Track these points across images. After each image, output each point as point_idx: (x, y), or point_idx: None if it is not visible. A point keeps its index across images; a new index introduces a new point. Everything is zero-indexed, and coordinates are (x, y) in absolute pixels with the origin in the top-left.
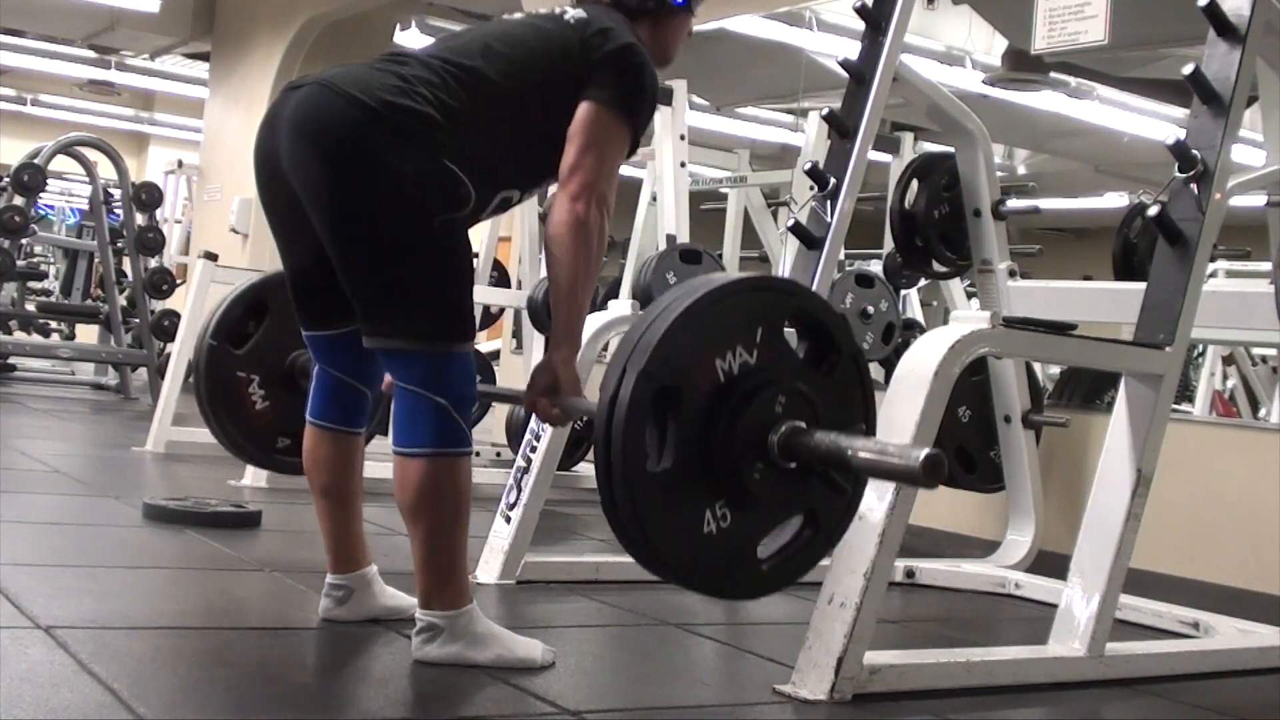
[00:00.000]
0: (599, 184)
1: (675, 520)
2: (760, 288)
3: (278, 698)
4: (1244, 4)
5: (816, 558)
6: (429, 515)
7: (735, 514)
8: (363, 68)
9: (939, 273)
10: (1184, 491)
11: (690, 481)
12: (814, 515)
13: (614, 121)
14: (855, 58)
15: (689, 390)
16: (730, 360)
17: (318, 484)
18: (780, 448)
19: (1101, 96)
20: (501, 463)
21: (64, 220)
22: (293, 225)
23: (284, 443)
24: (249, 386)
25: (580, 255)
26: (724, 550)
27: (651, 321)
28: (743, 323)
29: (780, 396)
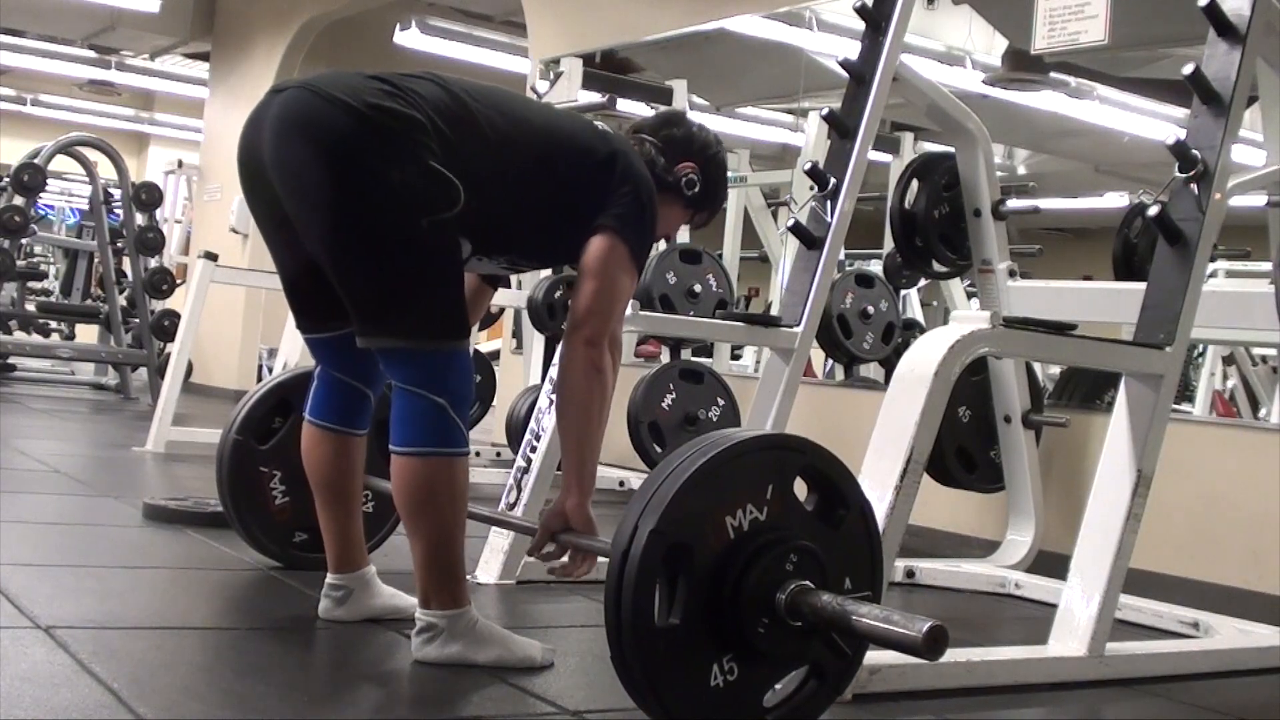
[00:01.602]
0: (612, 327)
1: (684, 675)
2: (773, 446)
3: (277, 698)
4: (1244, 4)
5: (821, 708)
6: (427, 515)
7: (742, 668)
8: (351, 74)
9: (939, 273)
10: (1184, 491)
11: (698, 637)
12: (819, 667)
13: (627, 258)
14: (855, 58)
15: (700, 547)
16: (741, 518)
17: (318, 484)
18: (787, 607)
19: (1101, 96)
20: (501, 463)
21: (64, 220)
22: (282, 227)
23: (301, 538)
24: (270, 482)
25: (595, 400)
26: (731, 702)
27: (664, 479)
28: (754, 481)
29: (790, 555)
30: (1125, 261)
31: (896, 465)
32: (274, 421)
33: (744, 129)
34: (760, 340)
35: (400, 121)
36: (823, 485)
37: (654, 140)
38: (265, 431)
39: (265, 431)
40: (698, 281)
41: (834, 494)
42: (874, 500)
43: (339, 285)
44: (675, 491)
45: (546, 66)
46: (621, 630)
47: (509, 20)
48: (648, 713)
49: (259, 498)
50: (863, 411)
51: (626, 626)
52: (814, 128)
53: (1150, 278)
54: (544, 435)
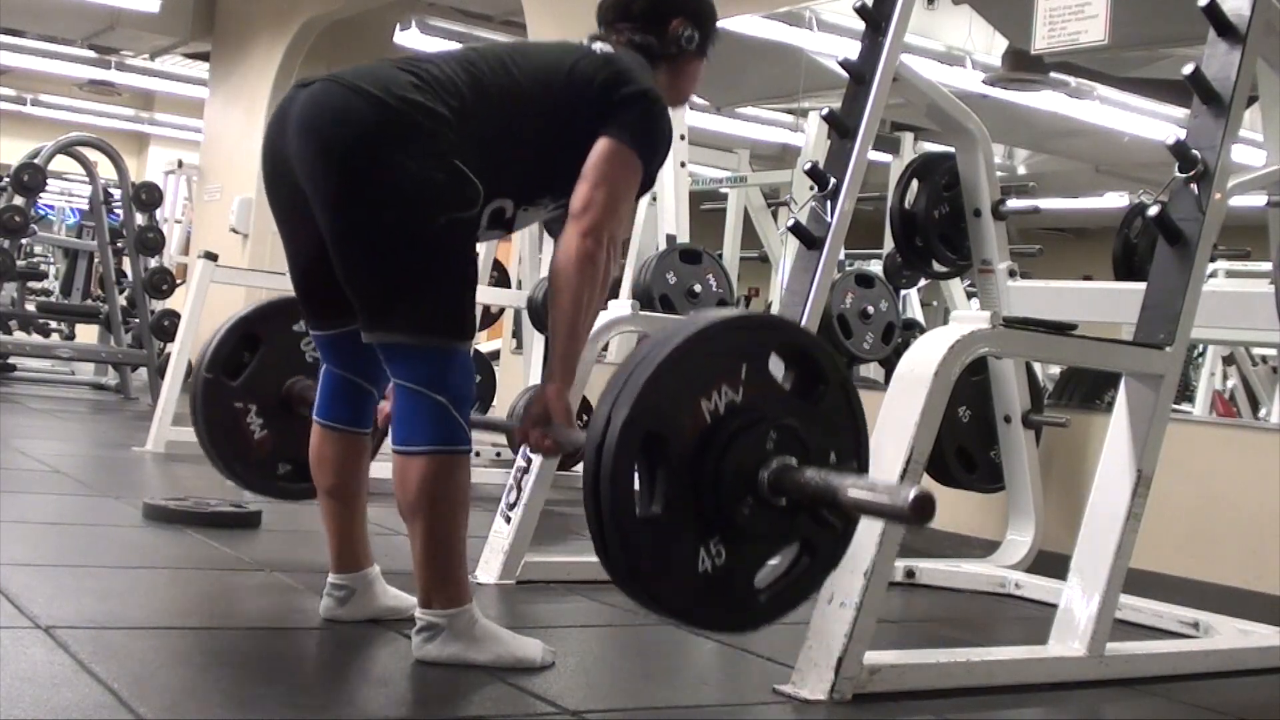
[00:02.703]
0: (609, 223)
1: (671, 563)
2: (742, 326)
3: (278, 698)
4: (1244, 4)
5: (815, 585)
6: (428, 513)
7: (730, 550)
8: (377, 64)
9: (939, 273)
10: (1184, 491)
11: (682, 524)
12: (810, 543)
13: (629, 161)
14: (855, 58)
15: (676, 433)
16: (716, 400)
17: (323, 483)
18: (770, 485)
19: (1101, 96)
20: (501, 463)
21: (64, 220)
22: (298, 222)
23: (285, 469)
24: (247, 416)
25: (585, 290)
26: (721, 587)
27: (634, 368)
28: (726, 362)
29: (770, 433)
30: (1125, 261)
31: (896, 465)
32: (243, 356)
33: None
34: None
35: (425, 115)
36: (800, 361)
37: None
38: (235, 366)
39: (235, 366)
40: (698, 281)
41: (812, 369)
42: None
43: (348, 279)
44: (646, 379)
45: None
46: (603, 524)
47: (509, 20)
48: (636, 601)
49: (237, 433)
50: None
51: (607, 519)
52: (814, 128)
53: (1150, 278)
54: None
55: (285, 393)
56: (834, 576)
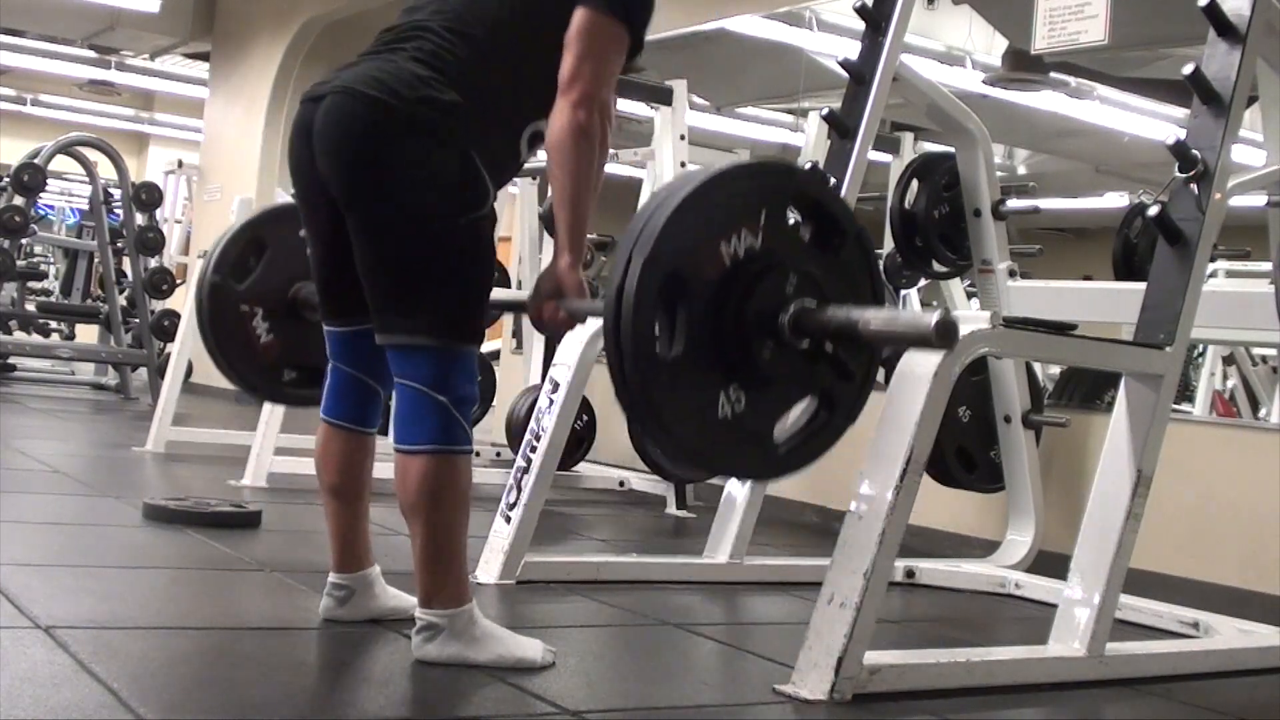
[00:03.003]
0: (599, 91)
1: (691, 406)
2: (760, 171)
3: (278, 698)
4: (1244, 4)
5: (833, 439)
6: (429, 513)
7: (749, 396)
8: (380, 61)
9: (939, 273)
10: (1184, 491)
11: (702, 366)
12: (828, 396)
13: (610, 26)
14: (855, 58)
15: (696, 275)
16: (736, 244)
17: (327, 481)
18: (791, 326)
19: (1101, 96)
20: (501, 463)
21: (64, 220)
22: (324, 224)
23: (291, 375)
24: (253, 320)
25: (583, 161)
26: (740, 433)
27: (654, 210)
28: (746, 206)
29: (790, 276)
30: (1125, 261)
31: (896, 465)
32: (249, 261)
33: (744, 129)
34: None
35: (437, 109)
36: (817, 212)
37: None
38: (242, 270)
39: (242, 270)
40: None
41: (829, 221)
42: (874, 500)
43: (370, 279)
44: (667, 219)
45: None
46: (624, 366)
47: None
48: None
49: (243, 337)
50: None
51: (629, 361)
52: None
53: (1150, 278)
54: (544, 435)
55: (292, 297)
56: (834, 577)
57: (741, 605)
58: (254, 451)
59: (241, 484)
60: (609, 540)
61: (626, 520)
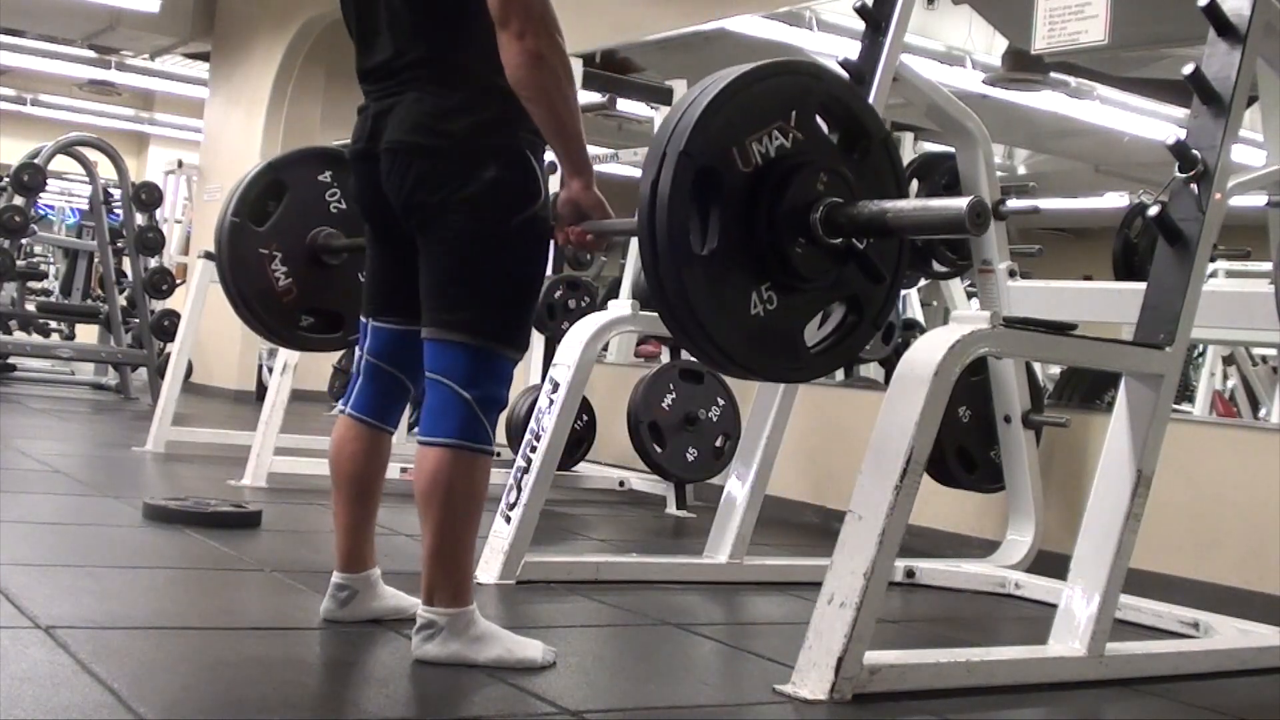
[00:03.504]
0: (534, 10)
1: (724, 302)
2: (789, 71)
3: (278, 698)
4: (1244, 4)
5: (863, 341)
6: (440, 506)
7: (781, 297)
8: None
9: (939, 273)
10: (1184, 491)
11: (736, 263)
12: (856, 301)
13: None
14: (855, 58)
15: (729, 171)
16: (767, 143)
17: (342, 477)
18: (823, 223)
19: (1101, 96)
20: (501, 463)
21: (64, 220)
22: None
23: (308, 320)
24: (271, 263)
25: (552, 85)
26: (772, 332)
27: (687, 107)
28: (776, 105)
29: (821, 174)
30: (1125, 261)
31: (896, 465)
32: (268, 205)
33: None
34: None
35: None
36: (845, 118)
37: None
38: (261, 213)
39: (261, 213)
40: None
41: (856, 126)
42: (874, 500)
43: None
44: (700, 113)
45: None
46: (659, 260)
47: None
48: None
49: (262, 280)
50: (863, 411)
51: (664, 255)
52: None
53: (1150, 278)
54: (544, 435)
55: (310, 241)
56: (834, 577)
57: (741, 605)
58: (254, 451)
59: (241, 484)
60: (609, 540)
61: (626, 520)
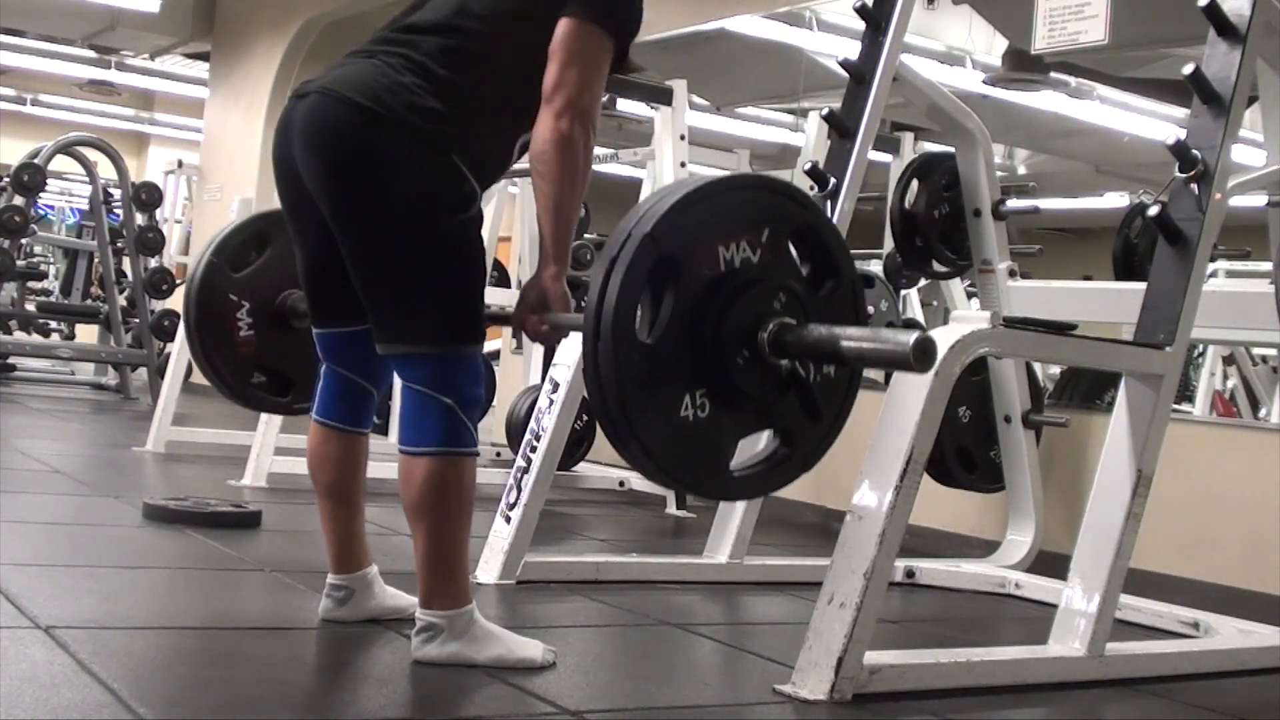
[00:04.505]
0: (582, 100)
1: (655, 397)
2: (775, 190)
3: (278, 698)
4: (1244, 4)
5: (788, 478)
6: (432, 514)
7: (713, 407)
8: (364, 65)
9: (939, 273)
10: (1184, 491)
11: (676, 360)
12: (790, 434)
13: (593, 35)
14: (855, 58)
15: (689, 267)
16: (734, 251)
17: (322, 483)
18: (770, 341)
19: (1101, 96)
20: (501, 463)
21: (64, 220)
22: (310, 227)
23: (259, 379)
24: (238, 312)
25: (566, 171)
26: (697, 441)
27: (662, 196)
28: (752, 219)
29: (780, 294)
30: (1125, 261)
31: (896, 465)
32: (250, 253)
33: (744, 129)
34: None
35: (421, 115)
36: (817, 251)
37: None
38: (241, 261)
39: (241, 261)
40: None
41: (828, 262)
42: (874, 500)
43: (361, 287)
44: (672, 204)
45: None
46: (600, 338)
47: None
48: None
49: (225, 326)
50: (863, 411)
51: (605, 333)
52: (814, 128)
53: (1150, 278)
54: (544, 435)
55: (281, 301)
56: (834, 577)
57: (741, 605)
58: (254, 451)
59: (241, 484)
60: (609, 540)
61: (626, 520)
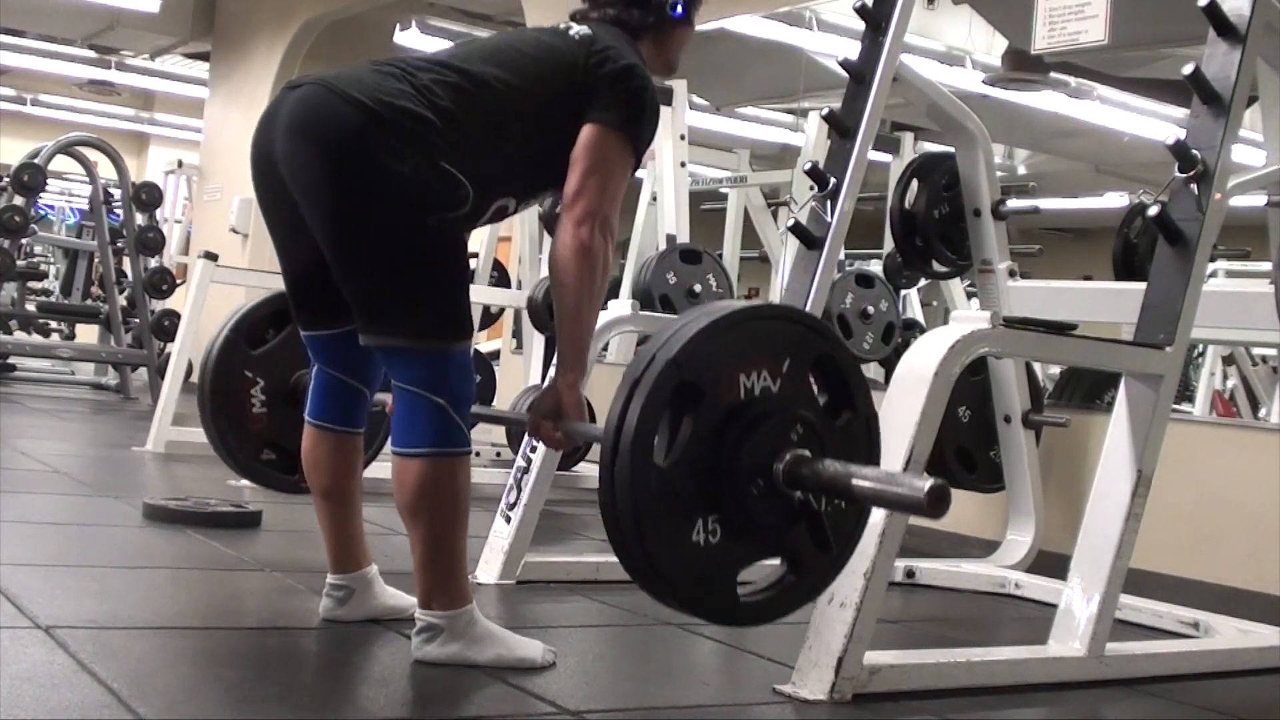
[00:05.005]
0: (603, 208)
1: (668, 519)
2: (797, 321)
3: (278, 698)
4: (1244, 4)
5: (795, 604)
6: (428, 515)
7: (724, 533)
8: (363, 69)
9: (939, 273)
10: (1184, 491)
11: (691, 485)
12: (799, 561)
13: (617, 144)
14: (855, 58)
15: (711, 393)
16: (755, 380)
17: (317, 484)
18: (785, 472)
19: (1101, 96)
20: (501, 463)
21: (64, 220)
22: (289, 223)
23: (269, 455)
24: (252, 388)
25: (586, 281)
26: (707, 565)
27: (687, 321)
28: (775, 348)
29: (798, 425)
30: (1125, 261)
31: (896, 465)
32: (269, 331)
33: (744, 129)
34: None
35: (412, 119)
36: (836, 381)
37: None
38: (259, 337)
39: (259, 337)
40: (698, 281)
41: (844, 394)
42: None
43: (343, 281)
44: (697, 332)
45: None
46: (617, 457)
47: (509, 20)
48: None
49: (239, 401)
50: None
51: (624, 454)
52: (814, 128)
53: (1150, 278)
54: None
55: (295, 382)
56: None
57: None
58: None
59: (241, 484)
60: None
61: None
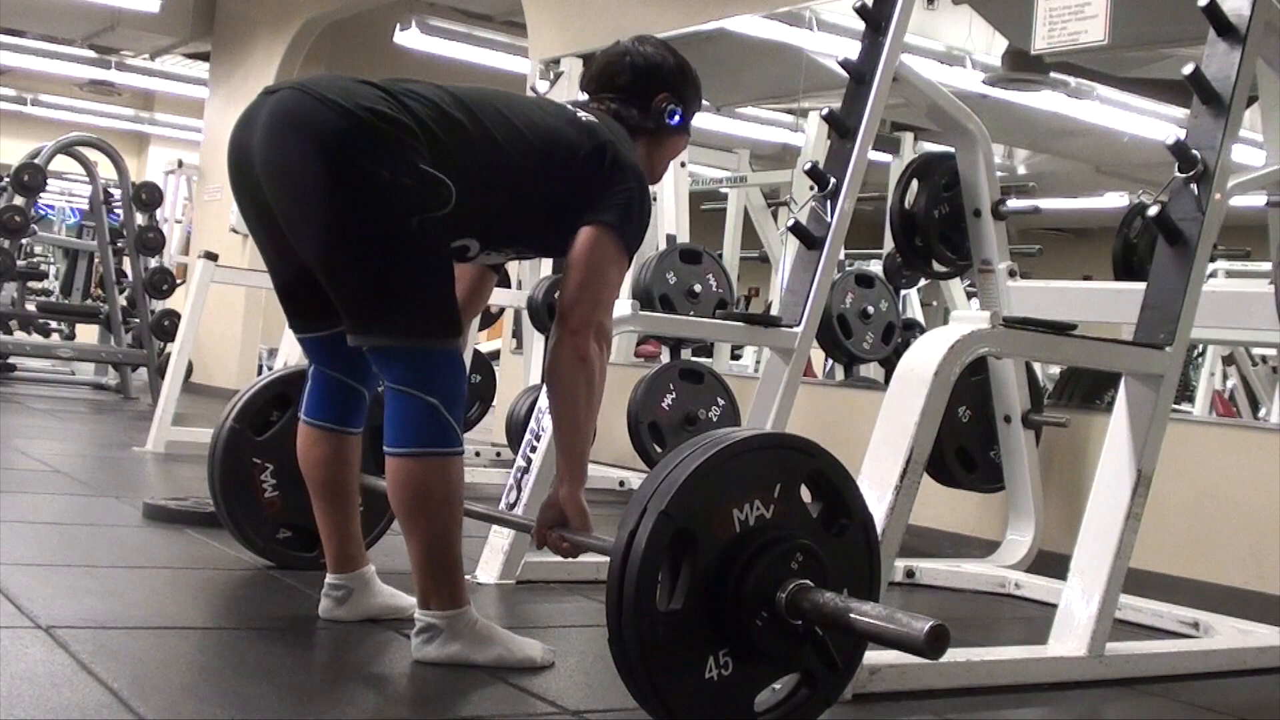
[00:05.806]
0: (598, 316)
1: (680, 663)
2: (783, 446)
3: (277, 698)
4: (1244, 4)
5: (810, 717)
6: (423, 516)
7: (737, 664)
8: (343, 78)
9: (939, 273)
10: (1184, 491)
11: (698, 626)
12: (811, 676)
13: (616, 248)
14: (855, 58)
15: (706, 536)
16: (748, 512)
17: (315, 484)
18: (788, 604)
19: (1101, 96)
20: (501, 463)
21: (64, 220)
22: (271, 226)
23: (285, 534)
24: (262, 474)
25: (583, 389)
26: (724, 697)
27: (675, 466)
28: (763, 477)
29: (796, 554)
30: (1125, 261)
31: (896, 465)
32: (272, 414)
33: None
34: (760, 340)
35: (390, 124)
36: (828, 492)
37: (614, 97)
38: (262, 423)
39: (262, 423)
40: (698, 281)
41: (838, 502)
42: (874, 500)
43: (329, 284)
44: (685, 478)
45: (546, 66)
46: (622, 611)
47: (509, 20)
48: (639, 697)
49: (249, 488)
50: (863, 411)
51: (628, 607)
52: (814, 128)
53: (1150, 278)
54: (544, 435)
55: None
56: None
57: None
58: None
59: None
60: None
61: None
